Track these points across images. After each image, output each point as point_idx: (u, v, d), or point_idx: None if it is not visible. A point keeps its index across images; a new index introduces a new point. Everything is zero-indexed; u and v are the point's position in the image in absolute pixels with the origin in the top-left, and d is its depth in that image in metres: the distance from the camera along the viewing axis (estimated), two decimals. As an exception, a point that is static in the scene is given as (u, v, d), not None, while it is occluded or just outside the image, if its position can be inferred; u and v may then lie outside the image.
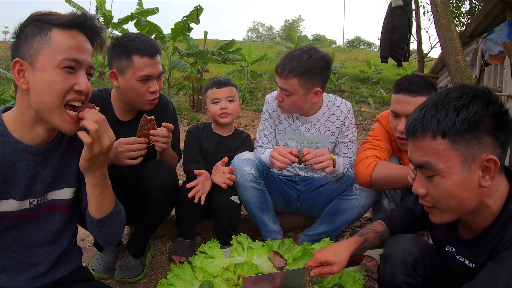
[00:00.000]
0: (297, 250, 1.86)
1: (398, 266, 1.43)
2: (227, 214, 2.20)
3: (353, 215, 2.21)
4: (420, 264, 1.43)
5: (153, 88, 1.97)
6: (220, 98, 2.37)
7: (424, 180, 1.20)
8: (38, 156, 1.30)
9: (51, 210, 1.38)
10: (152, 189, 1.97)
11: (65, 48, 1.21)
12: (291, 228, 2.70)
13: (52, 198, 1.37)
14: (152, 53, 1.95)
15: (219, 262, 1.82)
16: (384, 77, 15.83)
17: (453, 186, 1.14)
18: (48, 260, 1.39)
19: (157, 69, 1.98)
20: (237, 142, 2.47)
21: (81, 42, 1.25)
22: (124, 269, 2.10)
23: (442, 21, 3.45)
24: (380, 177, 1.97)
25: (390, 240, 1.55)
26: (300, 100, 2.16)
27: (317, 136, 2.36)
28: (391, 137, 2.17)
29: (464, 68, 3.42)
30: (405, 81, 1.98)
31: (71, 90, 1.24)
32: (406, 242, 1.46)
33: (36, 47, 1.19)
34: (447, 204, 1.18)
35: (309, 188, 2.42)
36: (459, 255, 1.34)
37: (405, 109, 1.95)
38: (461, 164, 1.12)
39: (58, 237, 1.42)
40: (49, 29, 1.20)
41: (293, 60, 2.09)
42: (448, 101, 1.14)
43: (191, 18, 8.11)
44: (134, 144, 1.86)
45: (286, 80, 2.10)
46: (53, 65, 1.20)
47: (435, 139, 1.13)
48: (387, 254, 1.48)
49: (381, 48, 5.94)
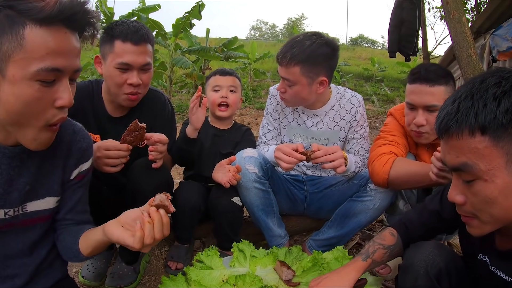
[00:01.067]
0: (306, 260, 1.66)
1: (420, 279, 1.24)
2: (228, 217, 2.02)
3: (366, 218, 2.02)
4: (445, 276, 1.24)
5: (131, 80, 1.76)
6: (222, 86, 2.22)
7: (461, 185, 1.03)
8: (13, 159, 1.10)
9: (29, 223, 1.21)
10: (141, 189, 1.78)
11: (42, 54, 0.92)
12: (297, 231, 2.54)
13: (32, 209, 1.19)
14: (136, 39, 1.75)
15: (218, 274, 1.62)
16: (388, 75, 15.78)
17: (497, 192, 0.95)
18: (26, 271, 1.23)
19: (140, 58, 1.76)
20: (237, 136, 2.30)
21: (64, 42, 0.95)
22: (115, 277, 1.94)
23: (453, 13, 3.33)
24: (399, 175, 1.80)
25: (410, 249, 1.36)
26: (304, 90, 1.98)
27: (325, 131, 2.18)
28: (406, 132, 2.02)
29: (476, 62, 3.28)
30: (421, 69, 1.83)
31: (51, 107, 0.99)
32: (430, 251, 1.27)
33: (6, 50, 0.90)
34: (489, 213, 0.99)
35: (317, 189, 2.24)
36: (492, 266, 1.18)
37: (422, 100, 1.80)
38: (505, 165, 0.93)
39: (36, 246, 1.26)
40: (23, 26, 0.90)
41: (295, 46, 1.92)
42: (485, 89, 0.95)
43: (193, 14, 8.05)
44: (114, 151, 1.63)
45: (288, 69, 1.93)
46: (26, 76, 0.92)
47: (474, 137, 0.95)
48: (407, 265, 1.30)
49: (389, 42, 5.79)
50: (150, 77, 1.87)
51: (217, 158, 2.23)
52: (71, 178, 1.25)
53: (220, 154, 2.24)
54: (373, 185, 1.97)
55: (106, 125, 1.91)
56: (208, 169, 2.15)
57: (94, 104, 1.93)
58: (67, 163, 1.23)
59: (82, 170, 1.27)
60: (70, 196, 1.27)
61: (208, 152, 2.25)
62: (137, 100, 1.86)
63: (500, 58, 4.75)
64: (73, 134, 1.24)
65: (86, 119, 1.91)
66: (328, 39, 1.97)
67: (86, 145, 1.27)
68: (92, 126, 1.92)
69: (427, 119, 1.81)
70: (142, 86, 1.81)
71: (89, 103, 1.92)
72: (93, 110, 1.92)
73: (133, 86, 1.78)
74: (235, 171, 1.90)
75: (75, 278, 1.95)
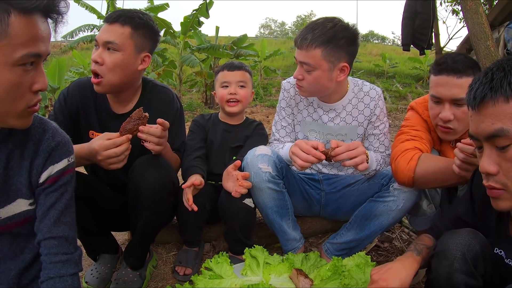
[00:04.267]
0: (325, 268, 1.52)
1: (457, 262, 1.21)
2: (240, 220, 1.90)
3: (388, 220, 1.88)
4: (481, 261, 1.23)
5: (92, 56, 1.74)
6: (230, 82, 2.12)
7: (495, 154, 1.09)
8: None
9: (5, 229, 1.14)
10: (143, 189, 1.69)
11: (25, 40, 0.96)
12: (313, 233, 2.42)
13: (7, 215, 1.12)
14: (111, 19, 1.73)
15: (228, 284, 1.49)
16: (399, 71, 15.78)
17: None
18: (7, 277, 1.16)
19: (104, 34, 1.71)
20: (248, 131, 2.19)
21: (42, 29, 1.01)
22: (120, 283, 1.84)
23: (470, 3, 3.26)
24: (426, 172, 1.68)
25: (443, 236, 1.33)
26: (324, 77, 1.85)
27: (342, 127, 2.05)
28: (429, 126, 1.90)
29: (495, 54, 3.19)
30: (448, 59, 1.71)
31: (29, 91, 1.03)
32: (465, 235, 1.26)
33: None
34: None
35: (334, 188, 2.11)
36: (508, 258, 1.23)
37: (449, 93, 1.68)
38: None
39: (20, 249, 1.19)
40: (7, 13, 0.93)
41: (316, 28, 1.80)
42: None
43: (200, 11, 8.13)
44: (113, 149, 1.55)
45: (308, 51, 1.81)
46: (8, 61, 0.96)
47: (508, 102, 1.05)
48: (443, 250, 1.27)
49: (403, 35, 5.64)
50: (114, 60, 1.72)
51: (226, 153, 2.16)
52: (41, 181, 1.16)
53: (230, 148, 2.16)
54: (397, 184, 1.83)
55: (108, 121, 1.86)
56: (218, 166, 2.08)
57: (97, 100, 1.89)
58: (34, 164, 1.15)
59: (53, 172, 1.17)
60: (43, 201, 1.17)
61: (218, 148, 2.16)
62: (99, 84, 1.75)
63: (515, 51, 4.63)
64: (43, 132, 1.16)
65: (89, 116, 1.87)
66: (348, 24, 1.87)
67: (55, 144, 1.17)
68: (94, 122, 1.88)
69: (454, 113, 1.70)
70: (104, 67, 1.71)
71: (92, 99, 1.88)
72: (95, 107, 1.88)
73: (92, 63, 1.74)
74: (243, 179, 1.79)
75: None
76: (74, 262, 1.18)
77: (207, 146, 2.15)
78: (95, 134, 1.84)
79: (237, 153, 2.12)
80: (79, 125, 1.85)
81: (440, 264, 1.25)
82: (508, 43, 4.73)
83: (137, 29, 1.75)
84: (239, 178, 1.79)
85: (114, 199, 1.90)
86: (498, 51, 5.03)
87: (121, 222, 1.97)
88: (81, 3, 9.02)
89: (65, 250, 1.16)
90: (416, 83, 13.62)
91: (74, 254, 1.19)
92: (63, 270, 1.14)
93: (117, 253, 2.06)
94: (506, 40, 4.78)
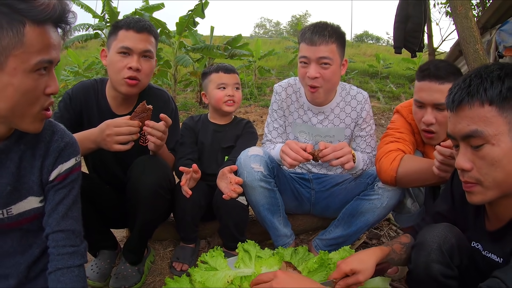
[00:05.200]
0: (312, 261, 1.62)
1: (433, 253, 1.31)
2: (233, 217, 2.00)
3: (374, 217, 1.98)
4: (457, 253, 1.32)
5: (131, 64, 1.80)
6: (228, 84, 2.21)
7: (469, 152, 1.19)
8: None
9: (16, 225, 1.22)
10: (142, 188, 1.77)
11: (39, 48, 1.04)
12: (303, 230, 2.50)
13: (17, 212, 1.20)
14: (139, 27, 1.82)
15: (223, 275, 1.59)
16: (393, 72, 15.69)
17: (502, 155, 1.13)
18: (17, 270, 1.24)
19: (140, 44, 1.82)
20: (238, 130, 2.28)
21: (54, 38, 1.09)
22: (119, 278, 1.92)
23: (459, 8, 3.31)
24: (407, 172, 1.77)
25: (422, 230, 1.43)
26: (337, 72, 2.01)
27: (330, 129, 2.15)
28: (413, 129, 1.99)
29: (484, 57, 3.26)
30: (431, 66, 1.79)
31: (42, 95, 1.11)
32: (442, 229, 1.36)
33: (6, 46, 1.00)
34: (493, 176, 1.16)
35: (323, 187, 2.21)
36: (485, 250, 1.32)
37: (432, 98, 1.77)
38: (508, 132, 1.13)
39: (29, 245, 1.27)
40: (23, 24, 1.01)
41: (326, 27, 1.95)
42: (490, 71, 1.16)
43: (196, 12, 8.10)
44: (125, 127, 1.63)
45: (327, 45, 1.92)
46: (25, 68, 1.03)
47: (483, 107, 1.14)
48: (421, 242, 1.36)
49: (395, 38, 5.73)
50: (151, 67, 1.89)
51: (218, 153, 2.23)
52: (51, 179, 1.24)
53: (221, 149, 2.23)
54: (381, 183, 1.93)
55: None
56: (211, 167, 2.16)
57: (98, 101, 1.96)
58: (45, 163, 1.23)
59: (62, 170, 1.26)
60: (52, 197, 1.25)
61: (210, 149, 2.23)
62: (137, 87, 1.87)
63: (506, 53, 4.67)
64: (52, 134, 1.25)
65: (91, 116, 1.94)
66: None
67: (64, 144, 1.26)
68: (96, 122, 1.93)
69: (436, 117, 1.79)
70: (142, 73, 1.84)
71: (94, 100, 1.96)
72: (97, 107, 1.96)
73: (132, 70, 1.81)
74: (236, 184, 1.86)
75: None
76: (80, 254, 1.26)
77: (198, 148, 2.22)
78: None
79: (229, 153, 2.20)
80: (82, 123, 1.92)
81: (418, 255, 1.34)
82: (499, 46, 4.80)
83: (156, 37, 1.91)
84: (232, 182, 1.86)
85: (113, 197, 1.97)
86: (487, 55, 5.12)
87: (120, 219, 2.05)
88: (76, 2, 8.97)
89: (72, 242, 1.24)
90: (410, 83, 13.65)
91: (80, 246, 1.27)
92: (70, 261, 1.23)
93: (116, 249, 2.12)
94: (497, 43, 4.86)
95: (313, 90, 2.01)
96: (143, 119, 1.67)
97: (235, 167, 1.91)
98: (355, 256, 1.47)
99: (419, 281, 1.33)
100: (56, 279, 1.21)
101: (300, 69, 2.02)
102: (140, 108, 1.66)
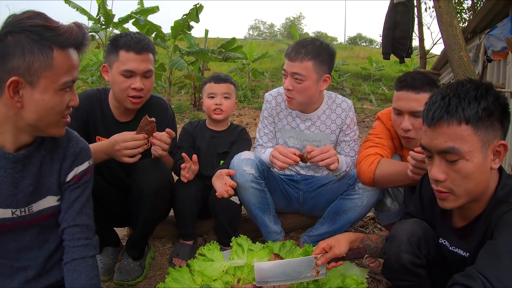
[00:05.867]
0: (298, 252, 1.81)
1: (403, 244, 1.44)
2: (227, 215, 2.16)
3: (355, 215, 2.16)
4: (424, 244, 1.45)
5: (135, 85, 1.94)
6: (216, 94, 2.35)
7: (444, 165, 1.28)
8: (17, 163, 1.26)
9: (35, 221, 1.35)
10: (145, 189, 1.94)
11: (65, 70, 1.21)
12: (293, 229, 2.66)
13: (37, 209, 1.34)
14: (139, 49, 1.93)
15: (219, 265, 1.78)
16: (386, 74, 15.80)
17: (474, 169, 1.24)
18: (36, 263, 1.37)
19: (142, 66, 1.95)
20: (233, 136, 2.43)
21: (76, 60, 1.25)
22: (123, 272, 2.07)
23: (445, 16, 3.42)
24: (384, 174, 1.94)
25: (394, 225, 1.57)
26: (312, 86, 2.13)
27: (317, 134, 2.32)
28: (392, 134, 2.14)
29: (468, 64, 3.38)
30: (408, 77, 1.94)
31: (66, 107, 1.27)
32: (411, 223, 1.50)
33: (38, 68, 1.15)
34: (465, 187, 1.27)
35: (310, 188, 2.38)
36: (452, 246, 1.44)
37: (408, 106, 1.91)
38: (480, 149, 1.23)
39: (45, 240, 1.39)
40: (51, 49, 1.17)
41: (307, 44, 2.09)
42: (467, 91, 1.25)
43: (191, 16, 8.14)
44: (132, 142, 1.80)
45: (302, 63, 2.07)
46: (54, 87, 1.20)
47: (460, 126, 1.22)
48: (392, 235, 1.51)
49: (383, 44, 5.92)
50: (152, 83, 2.04)
51: (214, 158, 2.38)
52: (68, 180, 1.38)
53: (217, 154, 2.38)
54: (361, 184, 2.10)
55: (113, 129, 2.04)
56: (207, 169, 2.30)
57: (102, 110, 2.08)
58: (63, 166, 1.37)
59: (77, 172, 1.40)
60: (68, 195, 1.39)
61: (206, 153, 2.37)
62: (141, 103, 2.03)
63: (495, 58, 4.78)
64: (68, 140, 1.40)
65: (96, 123, 2.07)
66: (329, 43, 2.20)
67: (79, 149, 1.41)
68: (101, 129, 2.08)
69: (412, 124, 1.92)
70: (144, 90, 1.99)
71: (98, 108, 2.08)
72: (102, 115, 2.08)
73: (137, 90, 1.95)
74: (230, 186, 2.03)
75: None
76: (93, 246, 1.41)
77: (196, 152, 2.35)
78: (101, 139, 2.05)
79: (224, 157, 2.35)
80: (89, 131, 2.05)
81: (390, 246, 1.48)
82: (488, 50, 4.90)
83: (154, 53, 2.06)
84: (227, 183, 2.03)
85: (116, 197, 2.10)
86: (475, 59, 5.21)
87: (122, 218, 2.19)
88: (72, 4, 9.01)
89: (86, 235, 1.39)
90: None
91: (93, 239, 1.42)
92: (85, 252, 1.37)
93: (118, 246, 2.27)
94: (486, 47, 4.96)
95: (288, 100, 2.20)
96: (149, 131, 1.84)
97: (233, 172, 2.07)
98: (332, 237, 1.69)
99: (392, 269, 1.49)
100: (73, 268, 1.35)
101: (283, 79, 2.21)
102: (144, 122, 1.83)
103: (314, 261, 1.62)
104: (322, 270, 1.64)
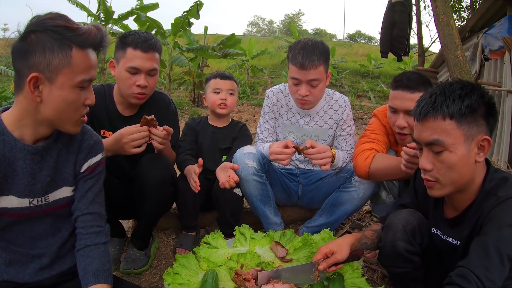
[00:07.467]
0: (297, 240, 1.91)
1: (398, 233, 1.54)
2: (230, 207, 2.25)
3: (352, 207, 2.26)
4: (418, 232, 1.55)
5: (139, 82, 2.01)
6: (222, 89, 2.42)
7: (431, 156, 1.39)
8: (36, 155, 1.33)
9: (51, 210, 1.42)
10: (149, 182, 2.00)
11: (83, 69, 1.26)
12: (292, 221, 2.74)
13: (54, 199, 1.41)
14: (145, 47, 2.00)
15: (223, 252, 1.87)
16: (384, 72, 15.76)
17: (457, 160, 1.35)
18: (50, 251, 1.43)
19: (147, 64, 2.02)
20: (234, 132, 2.51)
21: (94, 60, 1.31)
22: (129, 261, 2.15)
23: (442, 16, 3.48)
24: (378, 168, 2.02)
25: (390, 215, 1.66)
26: (324, 85, 2.26)
27: (315, 129, 2.41)
28: (388, 131, 2.21)
29: (463, 63, 3.44)
30: (403, 77, 2.01)
31: (82, 105, 1.33)
32: (406, 213, 1.59)
33: (57, 65, 1.21)
34: (449, 177, 1.38)
35: (309, 181, 2.47)
36: (444, 235, 1.53)
37: (403, 105, 1.98)
38: (464, 142, 1.34)
39: (59, 229, 1.46)
40: (70, 48, 1.23)
41: (313, 50, 2.14)
42: (453, 90, 1.36)
43: (191, 13, 8.11)
44: (137, 133, 1.89)
45: (316, 69, 2.15)
46: (71, 84, 1.25)
47: (445, 120, 1.34)
48: (388, 224, 1.60)
49: (381, 43, 5.97)
50: (156, 81, 2.11)
51: (216, 153, 2.46)
52: (82, 171, 1.46)
53: (220, 149, 2.46)
54: (357, 177, 2.20)
55: (117, 123, 2.11)
56: (210, 164, 2.37)
57: (107, 104, 2.15)
58: (78, 158, 1.44)
59: (91, 163, 1.47)
60: (82, 185, 1.46)
61: (208, 148, 2.45)
62: (144, 99, 2.10)
63: (492, 57, 4.84)
64: (83, 134, 1.47)
65: (101, 117, 2.13)
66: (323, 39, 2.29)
67: (93, 142, 1.48)
68: (105, 123, 2.14)
69: (407, 121, 1.99)
70: (148, 88, 2.06)
71: (103, 103, 2.15)
72: (106, 110, 2.15)
73: (141, 87, 2.02)
74: (233, 178, 2.11)
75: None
76: (105, 233, 1.48)
77: (198, 147, 2.45)
78: (106, 132, 2.12)
79: (226, 153, 2.43)
80: (93, 125, 2.08)
81: (386, 234, 1.58)
82: (485, 49, 4.98)
83: (160, 52, 2.13)
84: (231, 175, 2.11)
85: (121, 190, 2.16)
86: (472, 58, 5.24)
87: (127, 211, 2.26)
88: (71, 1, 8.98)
89: (98, 223, 1.46)
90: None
91: (105, 227, 1.49)
92: (97, 239, 1.44)
93: (124, 237, 2.35)
94: (483, 46, 5.03)
95: (303, 102, 2.26)
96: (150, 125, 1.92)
97: (237, 167, 2.15)
98: (332, 241, 1.74)
99: (388, 256, 1.58)
100: (86, 254, 1.42)
101: (291, 85, 2.25)
102: (143, 122, 1.91)
103: (315, 265, 1.67)
104: (322, 273, 1.69)
